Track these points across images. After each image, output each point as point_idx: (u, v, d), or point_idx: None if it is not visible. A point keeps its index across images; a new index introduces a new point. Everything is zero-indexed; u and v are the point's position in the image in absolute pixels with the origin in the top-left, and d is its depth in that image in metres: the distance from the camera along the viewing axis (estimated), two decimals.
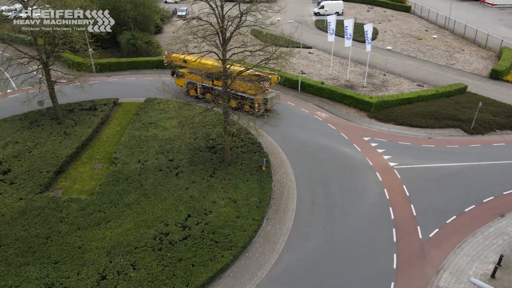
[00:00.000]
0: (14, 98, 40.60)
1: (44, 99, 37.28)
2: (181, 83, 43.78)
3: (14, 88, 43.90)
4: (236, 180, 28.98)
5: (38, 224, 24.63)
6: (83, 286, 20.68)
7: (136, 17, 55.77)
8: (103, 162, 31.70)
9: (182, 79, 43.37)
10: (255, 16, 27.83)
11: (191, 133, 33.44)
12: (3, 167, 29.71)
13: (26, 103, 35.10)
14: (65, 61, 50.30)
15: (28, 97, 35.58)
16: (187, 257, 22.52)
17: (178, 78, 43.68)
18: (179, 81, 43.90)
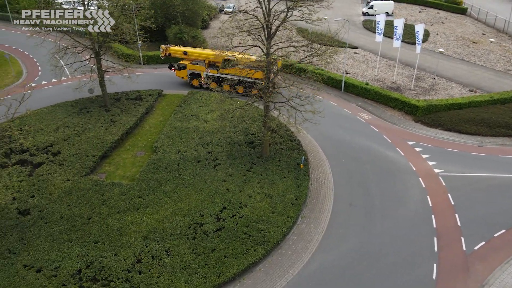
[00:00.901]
0: (67, 85, 42.74)
1: (94, 87, 38.97)
2: (183, 74, 44.67)
3: (68, 75, 46.23)
4: (273, 176, 28.79)
5: (82, 204, 25.74)
6: (119, 267, 21.35)
7: (184, 12, 56.91)
8: (145, 150, 32.63)
9: (183, 70, 44.38)
10: (301, 11, 27.44)
11: (231, 127, 33.65)
12: (54, 149, 31.35)
13: (77, 90, 36.90)
14: (115, 51, 52.31)
15: (80, 84, 37.37)
16: (220, 248, 22.63)
17: (179, 70, 44.57)
18: (181, 73, 44.76)
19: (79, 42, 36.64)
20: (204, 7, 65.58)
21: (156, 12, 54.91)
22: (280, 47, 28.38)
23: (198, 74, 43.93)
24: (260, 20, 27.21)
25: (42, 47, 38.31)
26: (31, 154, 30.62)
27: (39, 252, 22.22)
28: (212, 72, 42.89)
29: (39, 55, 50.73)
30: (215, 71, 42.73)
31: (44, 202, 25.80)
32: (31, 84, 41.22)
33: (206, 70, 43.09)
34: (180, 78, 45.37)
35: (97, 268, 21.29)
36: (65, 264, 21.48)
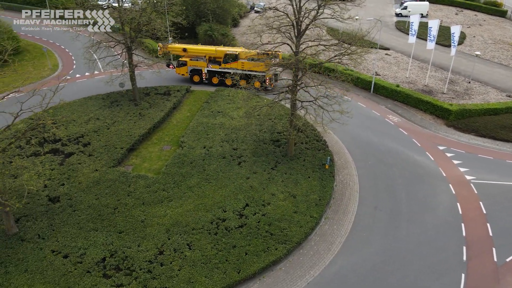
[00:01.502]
0: (99, 79, 43.88)
1: (124, 81, 39.84)
2: (183, 71, 44.91)
3: (100, 69, 47.50)
4: (297, 175, 28.51)
5: (109, 195, 26.33)
6: (142, 257, 21.69)
7: (215, 10, 57.37)
8: (171, 145, 33.06)
9: (183, 67, 44.64)
10: (332, 9, 27.01)
11: (257, 124, 33.60)
12: (85, 139, 32.25)
13: (109, 84, 37.81)
14: (146, 47, 53.27)
15: (112, 78, 38.28)
16: (241, 245, 22.60)
17: (179, 67, 44.80)
18: (181, 70, 45.00)
19: (112, 37, 37.54)
20: (234, 5, 65.91)
21: (188, 9, 55.58)
22: (309, 45, 28.04)
23: (199, 70, 44.35)
24: (290, 18, 26.98)
25: (77, 40, 39.53)
26: (63, 144, 31.63)
27: (66, 238, 22.89)
28: (214, 67, 43.43)
29: (74, 49, 52.38)
30: (217, 66, 43.37)
31: (73, 190, 26.57)
32: (66, 76, 42.57)
33: (208, 65, 43.63)
34: (180, 75, 45.55)
35: (121, 257, 21.71)
36: (91, 251, 22.03)
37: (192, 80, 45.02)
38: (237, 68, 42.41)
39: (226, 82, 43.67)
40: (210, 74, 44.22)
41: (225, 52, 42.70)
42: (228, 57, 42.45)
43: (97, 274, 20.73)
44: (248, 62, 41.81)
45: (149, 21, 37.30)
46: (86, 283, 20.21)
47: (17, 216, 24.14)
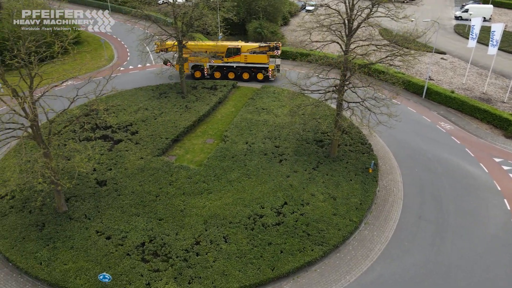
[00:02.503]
0: (150, 71, 45.50)
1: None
2: (184, 68, 43.83)
3: (152, 62, 49.20)
4: (339, 177, 27.84)
5: (152, 182, 27.14)
6: (179, 246, 22.14)
7: (266, 7, 57.49)
8: (214, 138, 33.50)
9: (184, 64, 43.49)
10: (387, 7, 26.02)
11: (300, 123, 33.21)
12: (133, 128, 33.51)
13: (159, 76, 39.04)
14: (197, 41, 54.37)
15: (162, 71, 39.47)
16: (277, 242, 22.42)
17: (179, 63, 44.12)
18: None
19: (164, 30, 38.66)
20: (285, 4, 65.66)
21: (239, 6, 56.16)
22: (360, 44, 27.23)
23: (200, 65, 44.32)
24: (342, 16, 26.34)
25: (132, 33, 41.12)
26: (113, 131, 33.05)
27: (110, 221, 23.87)
28: (217, 62, 43.54)
29: (129, 41, 54.64)
30: (219, 60, 43.62)
31: (119, 176, 27.66)
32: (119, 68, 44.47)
33: (210, 60, 43.61)
34: None
35: (159, 244, 22.29)
36: (131, 235, 22.81)
37: (193, 76, 44.93)
38: (240, 62, 43.28)
39: (228, 76, 44.39)
40: (212, 69, 44.44)
41: (227, 46, 43.09)
42: (231, 51, 42.88)
43: (136, 258, 21.42)
44: (251, 55, 42.78)
45: (201, 16, 38.03)
46: (125, 265, 20.94)
47: (67, 195, 25.53)
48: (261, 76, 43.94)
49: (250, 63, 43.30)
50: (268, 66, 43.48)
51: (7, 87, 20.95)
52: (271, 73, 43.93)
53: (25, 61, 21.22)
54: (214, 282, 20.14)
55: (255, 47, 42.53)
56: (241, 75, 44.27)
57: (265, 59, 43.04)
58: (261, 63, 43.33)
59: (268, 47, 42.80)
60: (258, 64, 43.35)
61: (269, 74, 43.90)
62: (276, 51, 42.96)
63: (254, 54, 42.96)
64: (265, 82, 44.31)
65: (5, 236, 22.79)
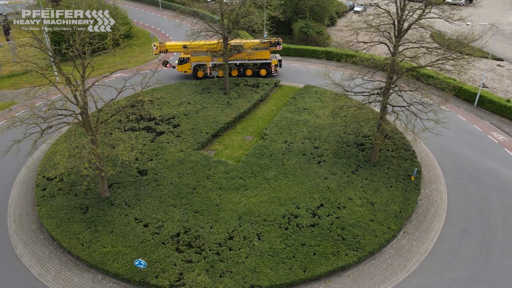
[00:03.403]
0: None
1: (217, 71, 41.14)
2: (186, 68, 43.93)
3: None
4: (378, 182, 27.00)
5: (190, 175, 27.66)
6: (213, 239, 22.40)
7: (313, 7, 56.89)
8: (254, 136, 33.60)
9: (186, 64, 43.71)
10: (441, 9, 24.83)
11: (342, 125, 32.56)
12: (175, 121, 34.33)
13: None
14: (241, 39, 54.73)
15: None
16: (311, 244, 22.09)
17: (181, 64, 43.81)
18: (183, 67, 44.02)
19: (211, 27, 39.25)
20: (333, 4, 64.63)
21: (286, 5, 55.94)
22: (409, 47, 26.20)
23: (203, 65, 43.86)
24: (392, 16, 25.47)
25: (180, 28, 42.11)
26: (156, 123, 34.03)
27: (148, 209, 24.59)
28: (219, 60, 42.88)
29: (177, 36, 55.99)
30: (221, 59, 42.58)
31: (159, 166, 28.43)
32: (167, 62, 45.63)
33: (212, 59, 43.26)
34: (183, 72, 44.73)
35: (194, 235, 22.66)
36: (168, 225, 23.36)
37: (196, 76, 44.50)
38: (243, 59, 43.33)
39: (232, 74, 44.10)
40: (215, 67, 44.10)
41: (231, 44, 42.50)
42: (234, 49, 42.44)
43: (170, 247, 21.92)
44: (254, 51, 43.05)
45: (247, 14, 38.24)
46: (160, 253, 21.48)
47: (110, 182, 26.59)
48: (264, 72, 44.41)
49: (253, 60, 43.55)
50: (271, 62, 44.04)
51: (61, 75, 22.14)
52: (274, 68, 44.53)
53: (79, 52, 22.31)
54: (245, 278, 20.18)
55: (257, 43, 43.06)
56: (244, 72, 44.38)
57: (268, 55, 43.75)
58: (264, 59, 43.92)
59: (269, 42, 43.25)
60: (261, 60, 43.86)
61: (272, 70, 44.49)
62: (278, 46, 43.49)
63: (256, 51, 43.32)
64: (268, 77, 44.82)
65: (52, 216, 24.12)
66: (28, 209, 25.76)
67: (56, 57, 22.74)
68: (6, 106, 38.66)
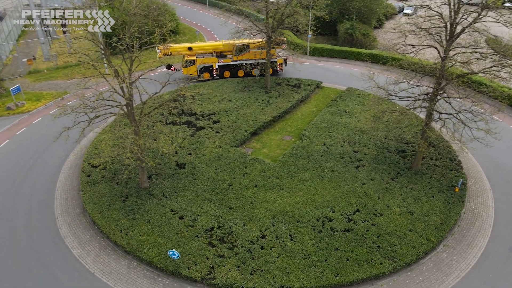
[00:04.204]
0: None
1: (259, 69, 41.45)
2: (192, 70, 42.55)
3: None
4: (419, 192, 25.96)
5: (226, 171, 27.95)
6: (245, 236, 22.50)
7: (360, 8, 55.57)
8: (292, 136, 33.39)
9: (192, 66, 42.31)
10: (499, 12, 23.43)
11: (383, 130, 31.62)
12: (215, 117, 34.81)
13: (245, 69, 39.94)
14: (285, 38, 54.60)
15: None
16: (344, 249, 21.64)
17: (186, 66, 42.15)
18: (189, 69, 42.39)
19: (256, 26, 39.42)
20: (382, 6, 62.82)
21: (332, 5, 55.08)
22: (461, 51, 24.93)
23: (209, 66, 42.97)
24: (444, 19, 24.35)
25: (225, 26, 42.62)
26: (196, 118, 34.69)
27: (184, 202, 25.11)
28: (226, 61, 42.88)
29: (221, 34, 56.80)
30: (229, 59, 43.01)
31: (197, 161, 28.95)
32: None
33: (219, 60, 42.75)
34: (188, 74, 42.98)
35: (227, 231, 22.87)
36: (202, 219, 23.74)
37: (200, 78, 43.21)
38: (249, 58, 43.01)
39: (238, 74, 43.68)
40: (221, 68, 43.45)
41: (236, 44, 42.27)
42: (240, 49, 42.46)
43: (203, 241, 22.26)
44: (259, 51, 42.47)
45: (293, 13, 38.04)
46: (193, 246, 21.87)
47: (150, 173, 27.41)
48: (270, 71, 43.01)
49: (259, 59, 43.16)
50: (277, 60, 44.08)
51: (111, 67, 23.08)
52: (280, 67, 44.65)
53: (128, 46, 23.16)
54: (275, 278, 20.10)
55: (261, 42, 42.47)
56: (250, 72, 43.90)
57: (273, 53, 43.41)
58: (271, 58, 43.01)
59: (274, 41, 42.81)
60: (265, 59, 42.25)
61: (278, 68, 44.65)
62: (283, 45, 43.72)
63: (262, 50, 42.53)
64: (275, 75, 44.62)
65: (95, 201, 25.24)
66: (73, 193, 27.13)
67: (107, 50, 23.76)
68: (59, 95, 40.92)
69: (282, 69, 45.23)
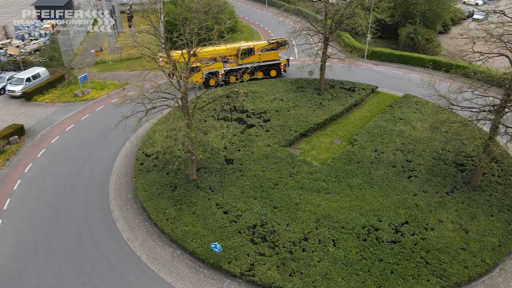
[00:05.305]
0: (292, 64, 46.57)
1: (314, 70, 41.13)
2: (198, 77, 40.46)
3: (296, 56, 50.35)
4: (476, 209, 24.32)
5: (273, 170, 27.97)
6: (287, 237, 22.39)
7: (425, 12, 52.99)
8: (343, 140, 32.67)
9: (197, 73, 40.09)
10: None
11: (441, 141, 29.97)
12: (266, 116, 34.96)
13: (299, 70, 39.76)
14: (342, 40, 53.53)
15: (303, 65, 40.08)
16: (389, 261, 20.83)
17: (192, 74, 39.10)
18: (195, 77, 39.53)
19: (314, 26, 39.00)
20: (449, 10, 59.50)
21: (395, 8, 53.12)
22: None
23: (215, 72, 41.37)
24: None
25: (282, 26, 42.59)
26: (247, 115, 35.05)
27: (230, 197, 25.49)
28: (232, 65, 41.85)
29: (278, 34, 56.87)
30: (234, 64, 42.09)
31: (245, 158, 29.25)
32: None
33: (225, 65, 41.64)
34: (194, 82, 38.86)
35: (269, 230, 22.90)
36: (246, 215, 23.96)
37: (207, 85, 41.36)
38: (254, 61, 42.41)
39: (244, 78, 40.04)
40: (227, 74, 41.84)
41: (242, 48, 41.22)
42: (245, 52, 41.93)
43: (245, 237, 22.47)
44: (264, 53, 42.55)
45: (352, 15, 37.18)
46: (235, 241, 22.15)
47: (198, 166, 28.14)
48: (274, 73, 44.02)
49: (264, 62, 42.95)
50: (281, 62, 43.82)
51: (170, 61, 23.96)
52: (283, 68, 44.22)
53: (187, 41, 23.91)
54: (314, 282, 19.82)
55: (265, 44, 42.78)
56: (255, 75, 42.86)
57: (277, 55, 43.53)
58: (274, 60, 43.49)
59: (277, 43, 43.15)
60: (272, 61, 43.38)
61: (282, 69, 44.25)
62: (286, 46, 43.75)
63: (266, 52, 42.79)
64: (278, 77, 44.20)
65: (146, 189, 26.38)
66: (126, 179, 28.56)
67: (167, 44, 24.69)
68: (121, 86, 43.24)
69: (285, 70, 44.84)
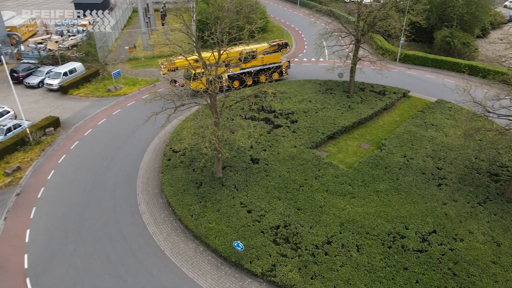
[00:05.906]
0: (322, 66, 46.18)
1: (344, 73, 40.61)
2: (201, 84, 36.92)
3: (326, 57, 49.87)
4: (510, 221, 23.31)
5: (299, 172, 27.81)
6: (310, 239, 22.21)
7: (463, 15, 51.20)
8: (371, 144, 32.08)
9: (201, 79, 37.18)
10: None
11: (474, 149, 28.89)
12: (294, 117, 34.79)
13: (329, 71, 39.29)
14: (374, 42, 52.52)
15: (333, 67, 39.64)
16: (414, 270, 20.28)
17: (195, 80, 35.90)
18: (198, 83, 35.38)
19: (345, 28, 38.47)
20: (489, 14, 57.22)
21: (431, 10, 51.59)
22: None
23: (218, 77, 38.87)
24: None
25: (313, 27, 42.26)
26: (275, 115, 35.00)
27: (254, 197, 25.54)
28: (235, 70, 40.94)
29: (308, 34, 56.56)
30: (237, 68, 41.13)
31: (271, 158, 29.22)
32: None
33: (228, 70, 40.46)
34: (198, 89, 34.34)
35: (292, 231, 22.79)
36: (269, 216, 23.94)
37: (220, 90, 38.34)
38: (257, 65, 42.06)
39: (247, 83, 40.03)
40: (230, 79, 40.87)
41: (244, 52, 40.17)
42: (248, 56, 41.14)
43: (268, 238, 22.45)
44: (266, 56, 42.24)
45: (386, 17, 36.42)
46: (258, 241, 22.17)
47: (224, 164, 28.35)
48: (276, 75, 43.59)
49: (266, 65, 42.53)
50: (282, 64, 43.52)
51: (200, 59, 24.25)
52: (285, 70, 43.95)
53: (218, 40, 24.12)
54: (336, 287, 19.56)
55: (266, 47, 42.34)
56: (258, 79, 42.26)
57: (279, 58, 43.30)
58: (277, 63, 43.07)
59: (278, 45, 42.96)
60: (274, 64, 42.85)
61: (284, 72, 43.98)
62: (287, 48, 43.85)
63: (268, 55, 42.43)
64: (280, 80, 43.74)
65: (172, 184, 26.84)
66: (154, 174, 29.15)
67: (198, 43, 25.00)
68: (152, 82, 44.16)
69: (287, 72, 44.47)
